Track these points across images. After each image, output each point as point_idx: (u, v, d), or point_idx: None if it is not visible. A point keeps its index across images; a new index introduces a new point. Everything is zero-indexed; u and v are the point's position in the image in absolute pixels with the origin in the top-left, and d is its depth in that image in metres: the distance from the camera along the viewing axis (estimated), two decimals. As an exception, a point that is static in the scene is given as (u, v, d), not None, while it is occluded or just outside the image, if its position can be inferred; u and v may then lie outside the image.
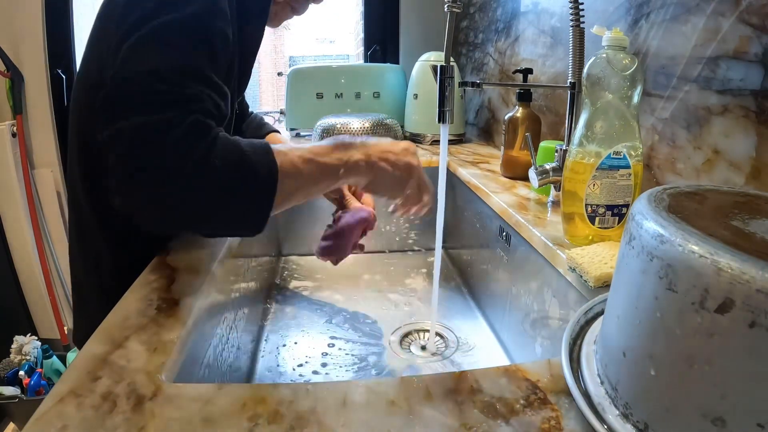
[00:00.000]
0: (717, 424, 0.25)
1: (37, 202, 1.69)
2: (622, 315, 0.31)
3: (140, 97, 0.45)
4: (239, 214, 0.47)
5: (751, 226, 0.28)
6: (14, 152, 1.60)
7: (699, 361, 0.25)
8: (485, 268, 0.86)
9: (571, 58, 0.71)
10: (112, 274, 0.64)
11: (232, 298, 0.64)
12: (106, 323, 0.43)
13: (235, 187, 0.46)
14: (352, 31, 2.05)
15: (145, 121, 0.44)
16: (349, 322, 0.84)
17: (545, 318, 0.63)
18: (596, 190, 0.55)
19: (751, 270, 0.23)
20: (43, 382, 1.47)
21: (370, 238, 1.14)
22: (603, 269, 0.49)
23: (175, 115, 0.45)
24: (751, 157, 0.51)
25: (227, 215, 0.46)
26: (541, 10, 0.99)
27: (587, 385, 0.33)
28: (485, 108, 1.34)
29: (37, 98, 1.63)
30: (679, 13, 0.60)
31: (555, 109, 0.94)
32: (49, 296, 1.71)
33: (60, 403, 0.34)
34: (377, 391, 0.35)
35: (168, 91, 0.45)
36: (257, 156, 0.47)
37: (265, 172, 0.47)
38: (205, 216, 0.46)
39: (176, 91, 0.46)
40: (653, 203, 0.31)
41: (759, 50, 0.49)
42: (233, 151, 0.46)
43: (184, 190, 0.44)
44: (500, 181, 0.89)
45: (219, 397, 0.34)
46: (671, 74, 0.61)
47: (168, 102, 0.45)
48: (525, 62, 1.07)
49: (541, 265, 0.63)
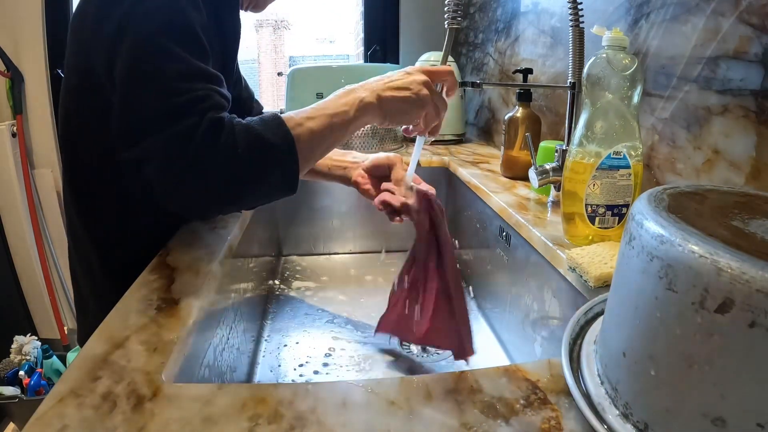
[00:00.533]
0: (717, 424, 0.25)
1: (37, 202, 1.69)
2: (622, 315, 0.31)
3: (157, 115, 0.49)
4: (272, 185, 0.53)
5: (751, 226, 0.28)
6: (14, 152, 1.60)
7: (699, 361, 0.25)
8: (485, 268, 0.86)
9: (571, 58, 0.71)
10: (104, 276, 0.64)
11: (232, 298, 0.64)
12: (106, 323, 0.43)
13: (262, 166, 0.51)
14: (352, 31, 2.05)
15: (169, 135, 0.48)
16: (350, 322, 0.84)
17: (545, 318, 0.63)
18: (596, 190, 0.55)
19: (751, 270, 0.23)
20: (43, 382, 1.47)
21: (370, 237, 1.14)
22: (603, 269, 0.49)
23: (194, 120, 0.49)
24: (751, 157, 0.51)
25: (263, 189, 0.52)
26: (541, 10, 0.99)
27: (587, 385, 0.33)
28: (485, 108, 1.34)
29: (37, 98, 1.63)
30: (679, 13, 0.60)
31: (555, 109, 0.94)
32: (49, 296, 1.71)
33: (60, 403, 0.34)
34: (377, 391, 0.35)
35: (179, 102, 0.49)
36: (271, 132, 0.51)
37: (283, 145, 0.51)
38: (247, 195, 0.52)
39: (187, 98, 0.49)
40: (653, 203, 0.31)
41: (759, 50, 0.49)
42: (250, 135, 0.50)
43: (221, 182, 0.49)
44: (500, 181, 0.89)
45: (219, 397, 0.34)
46: (671, 74, 0.61)
47: (183, 111, 0.49)
48: (525, 62, 1.07)
49: (541, 265, 0.63)
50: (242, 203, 0.54)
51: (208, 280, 0.52)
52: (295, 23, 8.88)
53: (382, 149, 1.16)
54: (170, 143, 0.48)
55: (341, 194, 1.11)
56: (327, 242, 1.14)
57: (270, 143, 0.51)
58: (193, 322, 0.45)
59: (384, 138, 1.17)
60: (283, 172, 0.52)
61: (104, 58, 0.52)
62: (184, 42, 0.51)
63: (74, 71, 0.58)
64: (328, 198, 1.10)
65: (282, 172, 0.52)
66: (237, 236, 0.67)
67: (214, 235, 0.65)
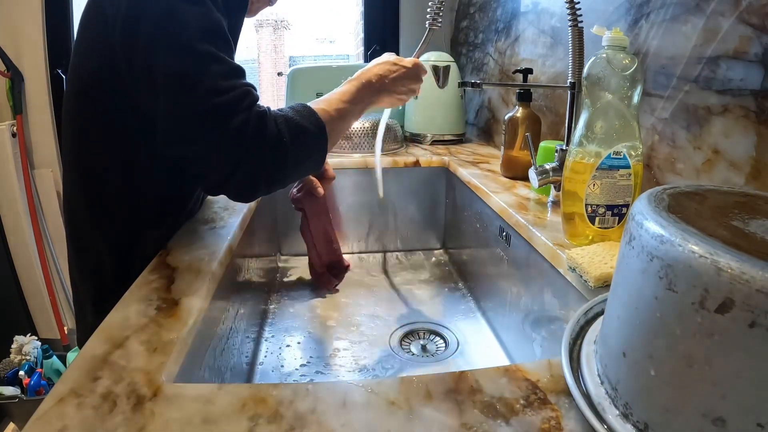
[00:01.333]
0: (717, 424, 0.25)
1: (37, 202, 1.69)
2: (622, 315, 0.31)
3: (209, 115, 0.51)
4: (309, 167, 0.62)
5: (751, 226, 0.28)
6: (14, 152, 1.60)
7: (699, 361, 0.25)
8: (485, 268, 0.86)
9: (571, 58, 0.71)
10: (113, 280, 0.63)
11: (232, 298, 0.64)
12: (106, 323, 0.43)
13: (305, 151, 0.58)
14: (352, 31, 2.05)
15: (224, 132, 0.52)
16: (349, 322, 0.84)
17: (545, 318, 0.63)
18: (596, 190, 0.55)
19: (751, 270, 0.23)
20: (43, 382, 1.47)
21: (371, 238, 1.14)
22: (603, 269, 0.49)
23: (243, 117, 0.52)
24: (751, 157, 0.51)
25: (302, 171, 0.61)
26: (541, 10, 0.99)
27: (587, 385, 0.33)
28: (485, 108, 1.34)
29: (37, 98, 1.63)
30: (679, 13, 0.60)
31: (555, 109, 0.94)
32: (49, 296, 1.71)
33: (60, 403, 0.34)
34: (377, 391, 0.35)
35: (226, 100, 0.52)
36: (308, 120, 0.58)
37: (318, 131, 0.59)
38: (290, 177, 0.59)
39: (233, 96, 0.52)
40: (653, 203, 0.31)
41: (759, 50, 0.49)
42: (291, 125, 0.56)
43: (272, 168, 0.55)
44: (500, 181, 0.89)
45: (219, 397, 0.34)
46: (671, 74, 0.61)
47: (232, 108, 0.52)
48: (525, 62, 1.07)
49: (541, 265, 0.63)
50: (285, 184, 0.60)
51: (208, 280, 0.52)
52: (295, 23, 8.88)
53: (382, 149, 1.15)
54: (227, 139, 0.52)
55: (342, 194, 1.11)
56: (327, 242, 1.14)
57: (308, 131, 0.58)
58: (193, 322, 0.45)
59: (384, 138, 1.16)
60: (318, 153, 0.61)
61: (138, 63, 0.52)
62: (219, 43, 0.54)
63: (87, 74, 0.58)
64: (328, 198, 1.10)
65: (317, 154, 0.61)
66: (237, 236, 0.67)
67: (214, 235, 0.65)
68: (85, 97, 0.60)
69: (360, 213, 1.13)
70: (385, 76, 0.70)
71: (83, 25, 0.58)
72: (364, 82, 0.68)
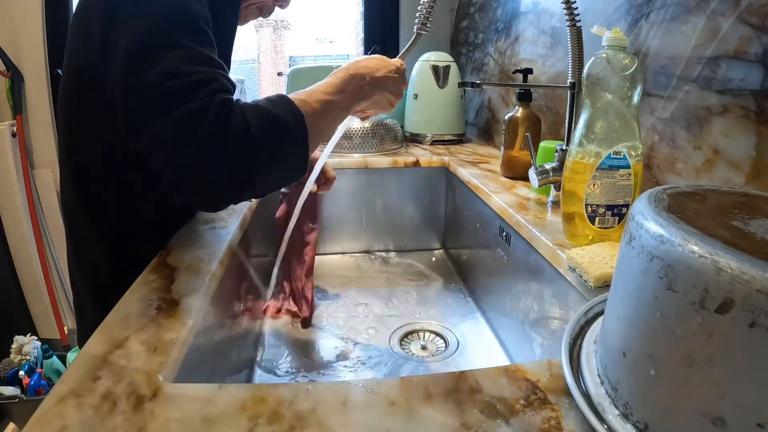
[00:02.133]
0: (717, 424, 0.25)
1: (37, 202, 1.69)
2: (622, 315, 0.31)
3: (161, 99, 0.47)
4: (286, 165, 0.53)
5: (751, 226, 0.28)
6: (14, 152, 1.60)
7: (699, 361, 0.25)
8: (485, 268, 0.86)
9: (571, 58, 0.71)
10: (110, 279, 0.63)
11: (232, 298, 0.64)
12: (106, 323, 0.43)
13: (277, 143, 0.50)
14: (352, 31, 2.05)
15: (176, 117, 0.46)
16: (349, 322, 0.84)
17: (545, 318, 0.63)
18: (596, 190, 0.55)
19: (751, 270, 0.23)
20: (43, 382, 1.47)
21: (371, 238, 1.14)
22: (603, 269, 0.49)
23: (202, 102, 0.47)
24: (751, 157, 0.51)
25: (277, 170, 0.52)
26: (541, 10, 0.99)
27: (587, 385, 0.33)
28: (485, 108, 1.34)
29: (37, 98, 1.63)
30: (679, 13, 0.60)
31: (555, 109, 0.94)
32: (49, 296, 1.71)
33: (60, 403, 0.34)
34: (377, 391, 0.35)
35: (184, 83, 0.47)
36: (282, 109, 0.51)
37: (294, 121, 0.52)
38: (261, 177, 0.51)
39: (192, 80, 0.47)
40: (653, 203, 0.31)
41: (759, 50, 0.49)
42: (262, 113, 0.50)
43: (235, 164, 0.48)
44: (500, 181, 0.89)
45: (219, 397, 0.34)
46: (671, 74, 0.61)
47: (188, 93, 0.47)
48: (525, 62, 1.07)
49: (541, 265, 0.63)
50: (256, 188, 0.52)
51: (208, 280, 0.52)
52: (295, 23, 8.88)
53: (382, 149, 1.16)
54: (178, 125, 0.46)
55: (342, 195, 1.11)
56: (327, 242, 1.14)
57: (282, 119, 0.51)
58: (193, 322, 0.45)
59: (384, 138, 1.17)
60: (295, 149, 0.52)
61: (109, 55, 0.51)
62: (187, 31, 0.50)
63: (75, 70, 0.58)
64: (329, 198, 1.10)
65: (295, 149, 0.52)
66: (237, 236, 0.67)
67: (214, 235, 0.65)
68: (75, 96, 0.59)
69: (360, 213, 1.13)
70: (377, 69, 0.64)
71: (72, 25, 0.58)
72: (352, 72, 0.62)
